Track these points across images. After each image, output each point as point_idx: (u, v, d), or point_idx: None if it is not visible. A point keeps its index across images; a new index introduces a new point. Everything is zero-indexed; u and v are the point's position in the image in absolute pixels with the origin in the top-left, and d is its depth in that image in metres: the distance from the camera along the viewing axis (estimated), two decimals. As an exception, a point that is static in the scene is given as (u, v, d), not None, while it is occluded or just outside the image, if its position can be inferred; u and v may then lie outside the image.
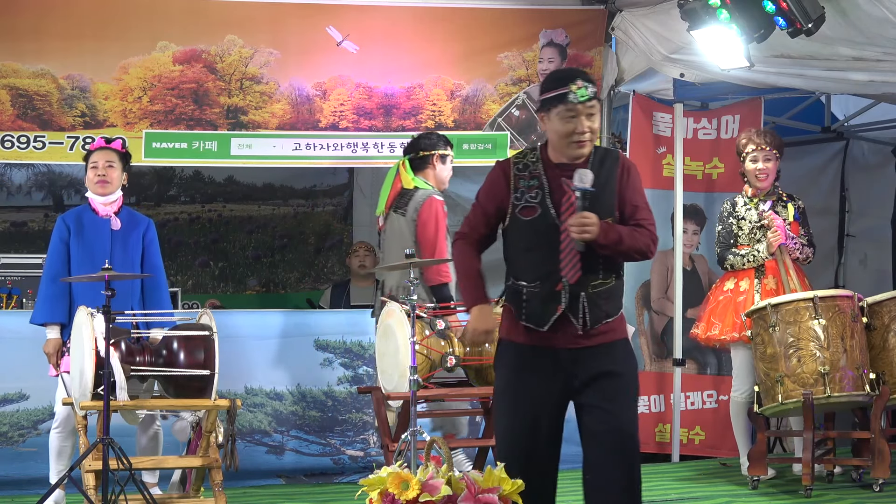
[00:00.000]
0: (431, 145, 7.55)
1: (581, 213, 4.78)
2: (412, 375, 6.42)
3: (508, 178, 4.88)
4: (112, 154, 6.85)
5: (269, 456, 7.96)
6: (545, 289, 4.82)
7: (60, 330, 6.74)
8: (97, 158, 6.84)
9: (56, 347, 6.71)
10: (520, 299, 4.88)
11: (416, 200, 7.38)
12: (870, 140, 10.36)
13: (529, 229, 4.84)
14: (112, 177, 6.83)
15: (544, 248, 4.81)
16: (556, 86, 4.83)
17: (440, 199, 7.43)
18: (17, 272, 8.29)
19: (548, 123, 4.87)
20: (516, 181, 4.86)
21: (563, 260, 4.80)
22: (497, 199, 4.90)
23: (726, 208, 7.68)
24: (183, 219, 11.19)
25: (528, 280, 4.85)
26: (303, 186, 11.35)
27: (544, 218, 4.82)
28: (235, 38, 8.17)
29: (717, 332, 7.53)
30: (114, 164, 6.83)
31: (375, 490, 5.98)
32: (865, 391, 7.03)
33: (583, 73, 4.92)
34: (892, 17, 6.66)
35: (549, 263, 4.81)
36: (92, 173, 6.85)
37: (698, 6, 7.13)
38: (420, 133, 7.81)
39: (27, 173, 10.65)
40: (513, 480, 6.02)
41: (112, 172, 6.83)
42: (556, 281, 4.80)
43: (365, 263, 9.59)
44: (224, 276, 11.24)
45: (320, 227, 11.41)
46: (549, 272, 4.81)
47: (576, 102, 4.79)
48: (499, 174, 4.92)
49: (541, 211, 4.82)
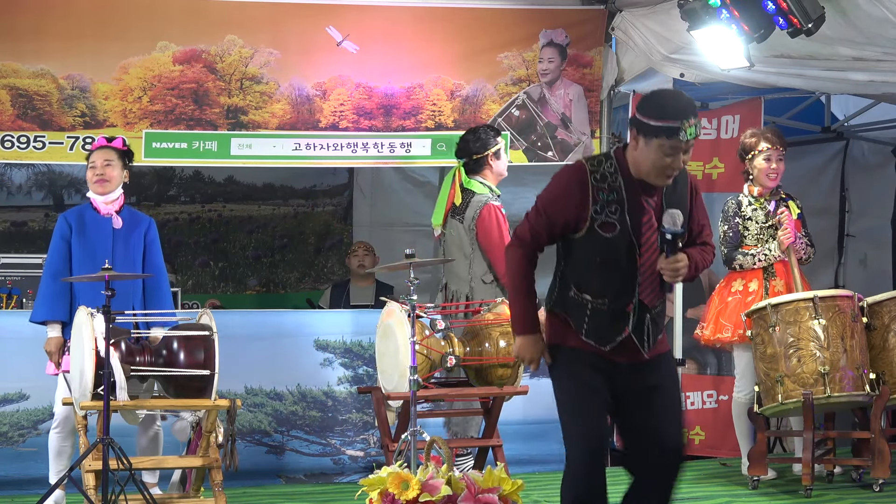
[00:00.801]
0: (483, 146, 7.60)
1: (675, 257, 4.62)
2: (412, 375, 6.42)
3: (586, 189, 4.58)
4: (111, 153, 6.85)
5: (269, 456, 7.96)
6: (614, 307, 4.63)
7: (62, 328, 6.74)
8: (95, 158, 6.84)
9: (58, 346, 6.71)
10: (582, 313, 4.66)
11: (474, 207, 7.51)
12: (870, 140, 10.36)
13: (606, 245, 4.59)
14: (110, 175, 6.82)
15: (619, 266, 4.61)
16: (667, 116, 4.55)
17: (497, 204, 7.52)
18: (17, 272, 8.28)
19: (641, 147, 4.58)
20: (595, 192, 4.58)
21: (642, 283, 4.63)
22: (571, 211, 4.60)
23: (731, 208, 7.65)
24: (183, 219, 11.18)
25: (595, 295, 4.64)
26: (303, 186, 11.34)
27: (623, 236, 4.59)
28: (235, 38, 8.17)
29: (728, 333, 7.50)
30: (112, 162, 6.83)
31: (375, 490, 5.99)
32: (865, 391, 7.03)
33: (695, 107, 4.66)
34: (892, 17, 6.66)
35: (622, 282, 4.62)
36: (91, 173, 6.85)
37: (698, 6, 7.13)
38: (467, 132, 7.76)
39: (27, 173, 10.64)
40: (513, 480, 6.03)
41: (110, 171, 6.82)
42: (628, 301, 4.62)
43: (364, 263, 9.58)
44: (224, 276, 11.24)
45: (320, 227, 11.41)
46: (621, 290, 4.62)
47: (683, 141, 4.57)
48: (574, 183, 4.61)
49: (620, 228, 4.58)
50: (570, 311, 4.70)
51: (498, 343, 7.04)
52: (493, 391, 7.11)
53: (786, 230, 7.44)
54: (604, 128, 8.74)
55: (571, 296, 4.69)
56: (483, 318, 7.20)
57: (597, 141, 8.71)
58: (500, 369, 7.06)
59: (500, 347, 7.03)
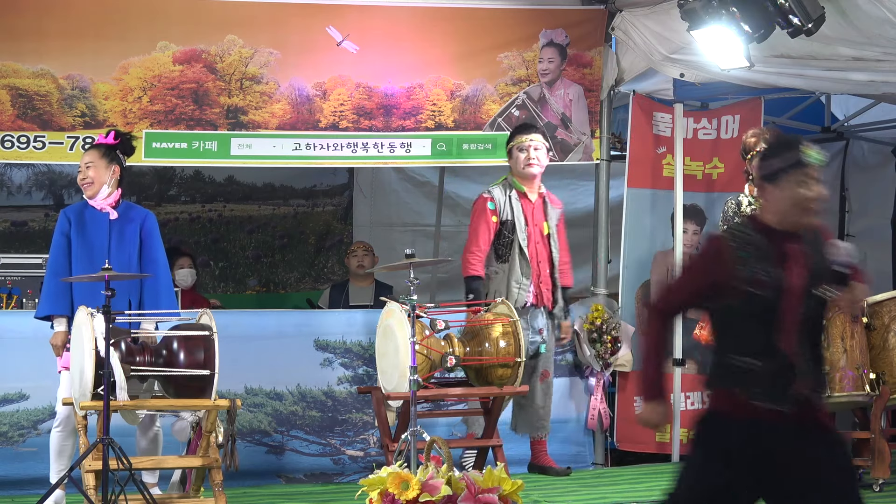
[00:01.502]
0: (508, 141, 8.02)
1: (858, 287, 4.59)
2: (412, 375, 6.42)
3: (728, 252, 4.52)
4: (92, 153, 6.84)
5: (269, 456, 7.95)
6: (776, 364, 4.50)
7: (67, 322, 6.73)
8: (81, 161, 6.89)
9: (63, 340, 6.70)
10: (745, 377, 4.50)
11: None
12: (870, 140, 10.36)
13: (760, 303, 4.51)
14: (92, 177, 6.81)
15: (775, 322, 4.51)
16: (784, 151, 4.55)
17: (486, 196, 7.82)
18: (17, 272, 8.28)
19: (776, 193, 4.56)
20: (736, 254, 4.52)
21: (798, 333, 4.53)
22: (715, 274, 4.53)
23: (731, 208, 7.66)
24: (183, 219, 11.18)
25: (755, 356, 4.51)
26: (303, 186, 11.34)
27: (777, 290, 4.50)
28: (235, 38, 8.17)
29: None
30: (92, 163, 6.81)
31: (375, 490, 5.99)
32: (865, 391, 7.03)
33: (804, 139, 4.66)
34: (892, 17, 6.67)
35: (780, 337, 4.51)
36: (78, 176, 6.88)
37: (698, 6, 7.13)
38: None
39: (27, 173, 10.64)
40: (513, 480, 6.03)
41: (91, 173, 6.80)
42: (788, 355, 4.50)
43: (364, 263, 9.58)
44: (224, 275, 11.23)
45: (320, 227, 11.41)
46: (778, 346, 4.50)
47: (814, 165, 4.56)
48: (714, 250, 4.57)
49: (772, 283, 4.50)
50: (734, 379, 4.56)
51: (498, 343, 7.04)
52: (493, 391, 7.11)
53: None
54: (604, 128, 8.74)
55: (728, 362, 4.57)
56: (483, 318, 7.20)
57: (597, 141, 8.72)
58: (500, 369, 7.06)
59: (500, 347, 7.03)
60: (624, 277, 8.82)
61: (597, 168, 8.80)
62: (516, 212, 7.78)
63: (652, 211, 8.89)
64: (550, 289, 7.89)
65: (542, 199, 7.92)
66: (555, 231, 7.93)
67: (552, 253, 7.90)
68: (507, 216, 7.78)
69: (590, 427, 8.51)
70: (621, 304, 8.72)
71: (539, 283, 7.82)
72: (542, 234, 7.87)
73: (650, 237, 8.90)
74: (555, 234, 7.93)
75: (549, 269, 7.89)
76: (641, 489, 7.52)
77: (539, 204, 7.90)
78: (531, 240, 7.81)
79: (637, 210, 8.86)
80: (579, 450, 8.54)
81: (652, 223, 8.91)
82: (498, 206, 7.79)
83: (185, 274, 9.33)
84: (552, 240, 7.90)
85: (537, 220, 7.86)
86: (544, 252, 7.87)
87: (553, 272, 7.90)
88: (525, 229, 7.78)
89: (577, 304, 8.84)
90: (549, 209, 7.93)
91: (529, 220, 7.82)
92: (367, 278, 9.64)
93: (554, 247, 7.91)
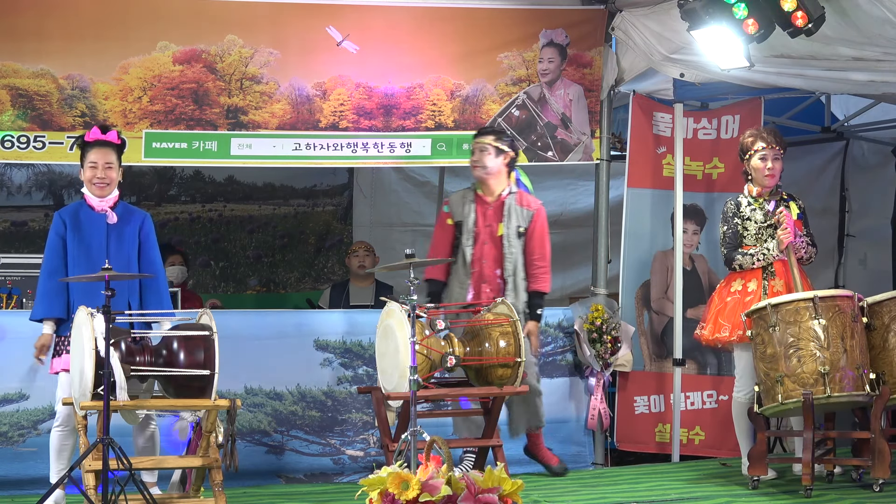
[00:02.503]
0: None
1: None
2: (412, 375, 6.42)
3: None
4: (111, 154, 6.81)
5: (269, 456, 7.95)
6: None
7: (57, 325, 6.73)
8: (97, 158, 6.79)
9: (47, 342, 6.71)
10: None
11: None
12: (870, 140, 10.36)
13: None
14: (111, 178, 6.81)
15: None
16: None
17: (445, 200, 7.88)
18: (17, 272, 8.28)
19: None
20: None
21: None
22: None
23: (730, 208, 7.66)
24: (183, 218, 11.18)
25: None
26: (303, 186, 11.35)
27: None
28: (235, 38, 8.17)
29: (726, 333, 7.50)
30: (112, 164, 6.80)
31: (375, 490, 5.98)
32: (865, 391, 7.03)
33: None
34: (892, 17, 6.67)
35: None
36: (91, 173, 6.80)
37: (698, 6, 7.13)
38: None
39: (27, 173, 10.64)
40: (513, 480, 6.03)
41: (111, 174, 6.80)
42: None
43: (364, 264, 9.59)
44: (224, 275, 11.24)
45: (320, 226, 11.41)
46: None
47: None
48: None
49: None
50: None
51: (498, 343, 7.04)
52: (493, 391, 7.11)
53: (785, 229, 7.44)
54: (604, 128, 8.74)
55: None
56: (483, 318, 7.20)
57: (597, 141, 8.72)
58: (500, 369, 7.06)
59: (500, 347, 7.04)
60: (624, 277, 8.82)
61: (597, 168, 8.80)
62: (467, 213, 7.71)
63: (652, 211, 8.89)
64: (499, 289, 7.70)
65: (503, 202, 7.74)
66: (514, 232, 7.72)
67: (504, 254, 7.70)
68: (459, 218, 7.74)
69: (590, 427, 8.51)
70: (621, 304, 8.73)
71: (480, 284, 7.72)
72: (492, 235, 7.74)
73: (650, 237, 8.91)
74: (512, 235, 7.72)
75: (499, 269, 7.71)
76: (641, 489, 7.52)
77: (497, 205, 7.74)
78: (478, 240, 7.69)
79: (637, 210, 8.87)
80: (579, 450, 8.54)
81: (652, 223, 8.91)
82: (453, 208, 7.77)
83: (175, 271, 9.33)
84: (506, 241, 7.70)
85: (490, 221, 7.73)
86: (492, 253, 7.69)
87: (504, 273, 7.70)
88: (473, 230, 7.70)
89: (577, 303, 8.85)
90: (515, 211, 7.74)
91: (480, 221, 7.72)
92: (368, 278, 9.64)
93: (509, 248, 7.69)
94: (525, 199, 7.83)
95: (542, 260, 7.80)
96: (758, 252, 7.53)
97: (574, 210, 10.82)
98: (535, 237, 7.78)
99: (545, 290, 7.82)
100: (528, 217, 7.77)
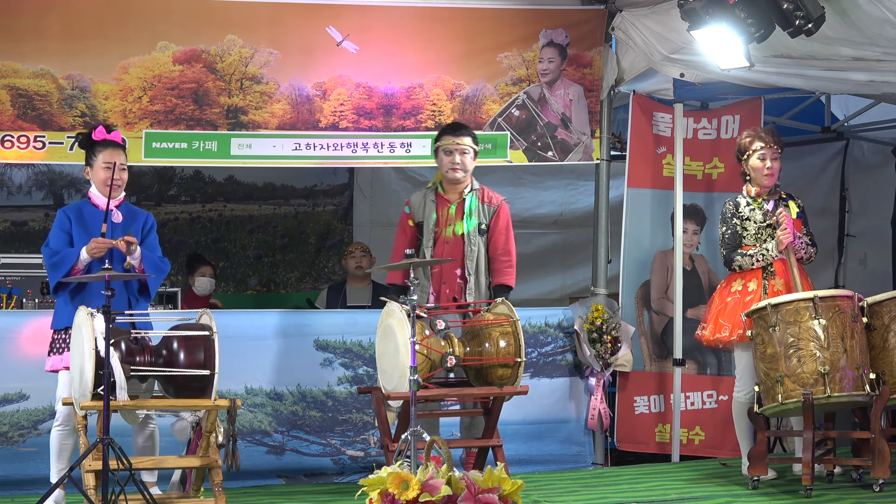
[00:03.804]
0: (435, 139, 7.81)
1: None
2: (412, 375, 6.42)
3: None
4: (122, 154, 6.86)
5: (269, 456, 7.96)
6: None
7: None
8: (111, 159, 6.80)
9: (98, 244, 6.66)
10: None
11: None
12: (870, 140, 10.36)
13: None
14: (123, 179, 6.85)
15: None
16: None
17: (406, 201, 7.81)
18: (17, 272, 8.28)
19: None
20: None
21: None
22: None
23: (729, 209, 7.66)
24: (183, 218, 11.18)
25: None
26: (303, 186, 11.35)
27: None
28: (235, 38, 8.17)
29: (726, 333, 7.50)
30: (125, 166, 6.85)
31: (375, 490, 5.99)
32: (865, 391, 7.03)
33: None
34: (892, 17, 6.66)
35: None
36: (106, 174, 6.78)
37: (698, 6, 7.13)
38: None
39: (27, 173, 10.64)
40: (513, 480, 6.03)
41: (124, 175, 6.85)
42: None
43: (362, 264, 9.60)
44: (225, 275, 11.23)
45: (321, 226, 11.41)
46: None
47: None
48: None
49: None
50: None
51: (498, 343, 7.04)
52: (493, 391, 7.11)
53: (784, 230, 7.44)
54: (604, 128, 8.74)
55: None
56: (483, 318, 7.20)
57: (597, 141, 8.72)
58: (500, 369, 7.06)
59: (500, 347, 7.03)
60: (624, 277, 8.82)
61: (597, 168, 8.80)
62: (427, 213, 7.64)
63: (652, 211, 8.89)
64: (459, 288, 7.64)
65: (464, 200, 7.67)
66: (475, 229, 7.64)
67: (465, 253, 7.61)
68: (420, 218, 7.69)
69: (590, 427, 8.51)
70: (621, 304, 8.73)
71: (440, 284, 7.66)
72: (453, 234, 7.63)
73: (650, 237, 8.91)
74: (473, 232, 7.64)
75: (459, 269, 7.64)
76: (641, 489, 7.52)
77: (459, 205, 7.66)
78: (438, 241, 7.62)
79: (637, 210, 8.87)
80: (579, 450, 8.54)
81: (652, 223, 8.91)
82: (413, 209, 7.69)
83: (205, 283, 9.42)
84: (467, 239, 7.62)
85: (452, 220, 7.66)
86: (452, 252, 7.59)
87: (465, 272, 7.62)
88: (433, 231, 7.63)
89: (577, 303, 8.85)
90: (476, 208, 7.67)
91: (441, 221, 7.66)
92: (365, 279, 9.65)
93: (469, 247, 7.62)
94: (487, 195, 7.74)
95: (507, 255, 7.69)
96: (757, 253, 7.53)
97: (574, 210, 10.83)
98: (498, 232, 7.69)
99: (510, 284, 7.69)
100: (490, 213, 7.70)
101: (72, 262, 6.66)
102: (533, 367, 8.38)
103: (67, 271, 6.65)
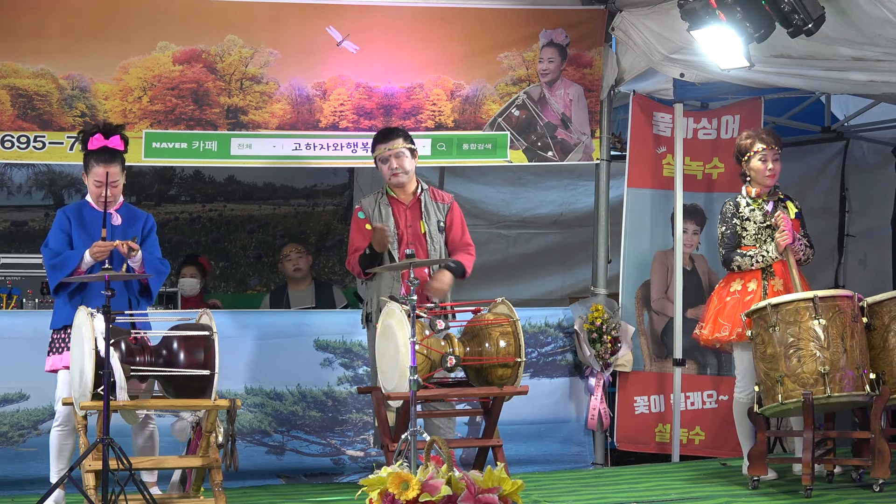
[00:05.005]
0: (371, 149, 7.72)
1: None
2: (412, 375, 6.42)
3: None
4: (116, 167, 6.79)
5: (269, 456, 7.96)
6: None
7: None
8: (101, 175, 6.75)
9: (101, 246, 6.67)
10: None
11: None
12: (870, 140, 10.36)
13: None
14: (115, 195, 6.82)
15: None
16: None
17: (357, 206, 7.73)
18: (17, 272, 8.28)
19: None
20: None
21: None
22: None
23: (729, 209, 7.65)
24: (183, 218, 11.18)
25: None
26: (303, 186, 11.34)
27: None
28: (235, 38, 8.17)
29: (726, 333, 7.51)
30: (117, 180, 6.80)
31: (375, 490, 5.99)
32: (865, 391, 7.03)
33: None
34: (892, 17, 6.66)
35: None
36: (97, 190, 6.75)
37: (698, 6, 7.13)
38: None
39: (27, 173, 10.64)
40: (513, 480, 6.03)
41: (115, 191, 6.81)
42: None
43: (299, 266, 9.63)
44: (225, 275, 11.24)
45: (321, 226, 11.41)
46: None
47: None
48: None
49: None
50: None
51: (498, 343, 7.04)
52: (493, 391, 7.11)
53: (783, 232, 7.44)
54: (604, 128, 8.74)
55: None
56: (483, 318, 7.20)
57: (597, 141, 8.72)
58: (500, 369, 7.06)
59: (500, 347, 7.03)
60: (624, 277, 8.82)
61: (597, 168, 8.80)
62: (385, 216, 7.59)
63: (652, 211, 8.89)
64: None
65: (419, 200, 7.64)
66: (435, 227, 7.61)
67: (428, 251, 7.57)
68: (377, 222, 7.65)
69: (590, 427, 8.51)
70: (621, 304, 8.73)
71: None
72: (416, 234, 7.60)
73: (650, 237, 8.91)
74: (434, 231, 7.60)
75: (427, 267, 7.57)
76: (641, 489, 7.53)
77: (414, 205, 7.63)
78: (402, 242, 7.57)
79: (637, 210, 8.87)
80: (579, 450, 8.54)
81: (652, 223, 8.91)
82: (367, 213, 7.63)
83: (189, 283, 9.40)
84: (428, 238, 7.58)
85: (411, 221, 7.63)
86: (418, 252, 7.52)
87: (430, 269, 7.55)
88: (396, 233, 7.56)
89: (577, 304, 8.85)
90: (432, 206, 7.65)
91: (401, 222, 7.61)
92: (305, 280, 9.66)
93: (432, 244, 7.59)
94: (437, 194, 7.74)
95: (466, 245, 7.71)
96: (756, 254, 7.53)
97: (574, 210, 10.82)
98: (455, 228, 7.70)
99: (466, 266, 7.63)
100: (444, 210, 7.70)
101: (74, 264, 6.67)
102: (533, 367, 8.38)
103: (69, 273, 6.66)
